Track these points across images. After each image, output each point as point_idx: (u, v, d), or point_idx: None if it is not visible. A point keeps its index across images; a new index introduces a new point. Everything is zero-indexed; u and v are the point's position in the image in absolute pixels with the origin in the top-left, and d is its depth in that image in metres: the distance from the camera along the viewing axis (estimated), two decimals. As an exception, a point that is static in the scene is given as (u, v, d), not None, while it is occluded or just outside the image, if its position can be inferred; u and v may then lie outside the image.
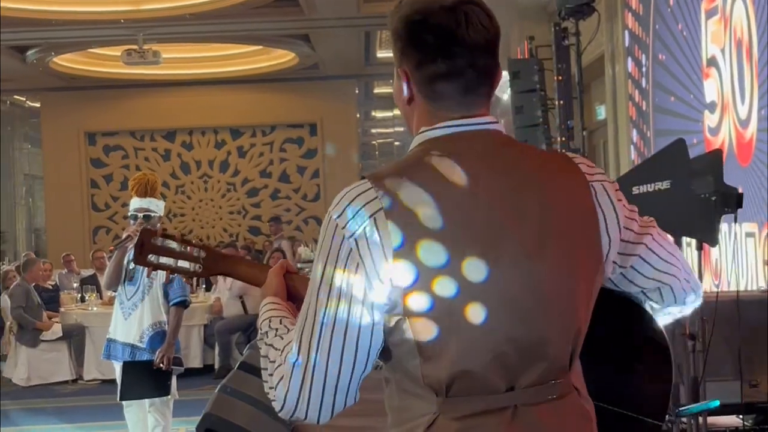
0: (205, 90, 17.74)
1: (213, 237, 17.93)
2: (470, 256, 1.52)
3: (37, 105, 18.67)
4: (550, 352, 1.56)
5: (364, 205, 1.53)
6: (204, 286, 11.38)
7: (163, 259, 2.06)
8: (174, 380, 5.62)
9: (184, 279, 5.04)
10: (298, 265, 14.17)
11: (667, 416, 2.02)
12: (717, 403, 3.96)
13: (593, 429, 1.63)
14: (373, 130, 20.26)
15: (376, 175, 1.58)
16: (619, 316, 1.83)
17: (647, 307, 1.85)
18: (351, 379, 1.56)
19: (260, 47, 16.01)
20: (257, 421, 4.94)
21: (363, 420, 6.21)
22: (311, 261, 10.20)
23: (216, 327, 10.07)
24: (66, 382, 9.91)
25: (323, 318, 1.54)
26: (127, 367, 5.43)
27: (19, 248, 18.70)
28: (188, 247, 2.03)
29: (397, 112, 19.92)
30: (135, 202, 5.59)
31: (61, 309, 10.50)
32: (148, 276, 5.36)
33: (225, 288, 10.31)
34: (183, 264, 2.05)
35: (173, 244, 2.05)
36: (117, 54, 14.67)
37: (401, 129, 20.37)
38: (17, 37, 13.95)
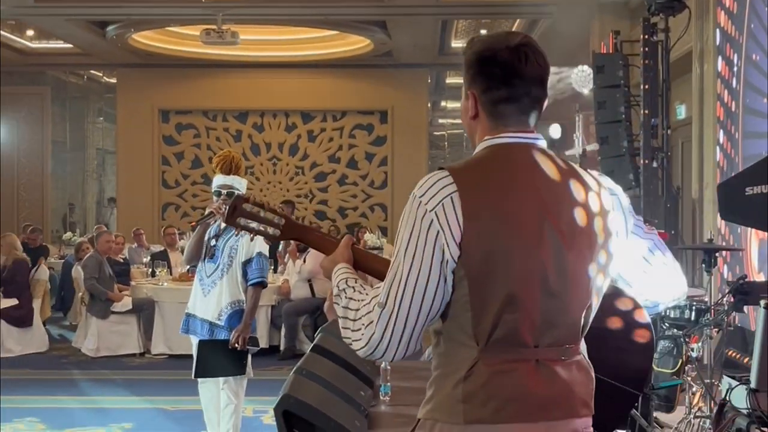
0: (279, 73, 17.79)
1: (279, 219, 17.99)
2: (520, 237, 1.97)
3: (113, 81, 18.91)
4: (567, 321, 2.02)
5: (443, 188, 1.98)
6: (272, 267, 11.43)
7: (251, 224, 2.37)
8: (249, 359, 5.62)
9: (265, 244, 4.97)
10: (364, 252, 14.16)
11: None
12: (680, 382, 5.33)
13: (592, 388, 2.09)
14: (442, 120, 20.12)
15: (452, 167, 2.05)
16: (613, 304, 2.30)
17: (639, 300, 2.32)
18: (423, 326, 2.00)
19: (336, 32, 16.01)
20: (332, 403, 4.93)
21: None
22: (376, 248, 10.18)
23: (283, 309, 10.10)
24: (134, 355, 10.03)
25: (408, 275, 1.97)
26: (204, 344, 5.42)
27: (89, 221, 19.00)
28: (271, 214, 2.37)
29: (468, 103, 19.84)
30: (219, 179, 5.61)
31: (132, 282, 10.62)
32: (236, 234, 5.32)
33: (294, 271, 10.33)
34: (264, 228, 2.37)
35: (260, 211, 2.38)
36: (194, 33, 14.80)
37: (471, 121, 20.21)
38: (99, 12, 14.13)
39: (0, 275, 10.29)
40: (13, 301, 10.15)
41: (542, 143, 2.09)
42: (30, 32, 16.60)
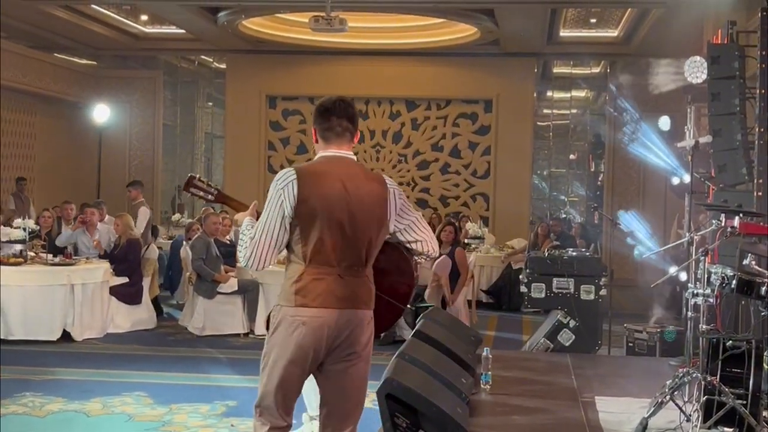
0: (385, 60, 17.87)
1: (381, 206, 18.08)
2: (328, 205, 3.54)
3: (223, 66, 19.29)
4: (356, 254, 3.58)
5: (289, 177, 3.55)
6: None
7: (199, 192, 4.15)
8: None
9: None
10: (466, 241, 14.13)
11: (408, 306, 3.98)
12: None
13: (371, 296, 3.65)
14: (547, 111, 19.90)
15: (297, 167, 3.62)
16: (396, 254, 3.81)
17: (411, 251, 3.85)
18: (272, 250, 3.58)
19: (442, 20, 15.97)
20: (434, 389, 4.95)
21: (537, 401, 6.12)
22: (477, 237, 10.11)
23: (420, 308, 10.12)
24: (238, 335, 10.22)
25: (265, 222, 3.58)
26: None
27: (197, 203, 19.44)
28: (209, 187, 4.16)
29: (574, 93, 19.56)
30: None
31: (238, 264, 10.82)
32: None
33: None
34: (205, 194, 4.14)
35: (204, 185, 4.14)
36: (302, 20, 14.97)
37: (576, 111, 19.95)
38: (211, -2, 14.45)
39: (113, 253, 10.62)
40: (124, 279, 10.46)
41: (350, 155, 3.71)
42: (144, 17, 17.05)
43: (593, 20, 16.11)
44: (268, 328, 3.67)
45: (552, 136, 19.49)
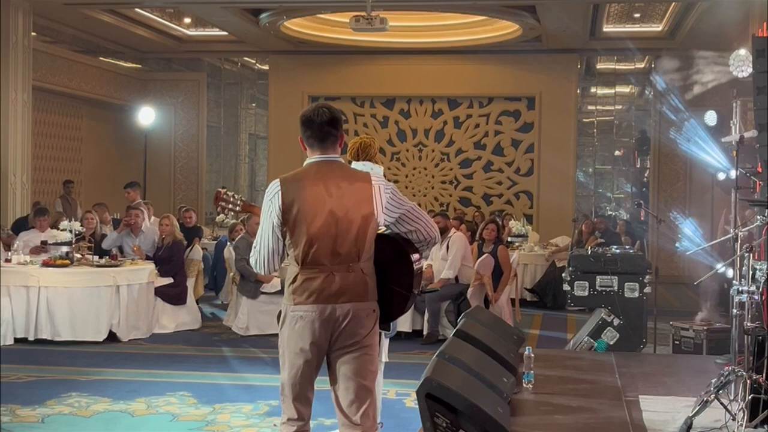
0: (426, 59, 17.85)
1: (424, 206, 18.07)
2: (312, 210, 3.79)
3: (266, 67, 19.39)
4: (345, 251, 3.80)
5: (275, 188, 3.83)
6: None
7: (228, 205, 4.38)
8: (386, 344, 5.65)
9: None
10: (509, 239, 14.06)
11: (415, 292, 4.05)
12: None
13: (367, 290, 3.86)
14: (591, 107, 19.72)
15: (282, 177, 3.88)
16: (392, 245, 4.00)
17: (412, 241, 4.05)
18: (271, 256, 3.84)
19: (483, 18, 15.91)
20: (474, 388, 4.92)
21: (580, 400, 6.05)
22: (520, 235, 10.05)
23: (426, 294, 10.12)
24: (281, 334, 10.24)
25: (262, 232, 3.87)
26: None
27: (240, 204, 19.52)
28: (234, 198, 4.38)
29: (618, 89, 19.35)
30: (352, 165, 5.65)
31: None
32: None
33: (438, 257, 10.34)
34: (233, 207, 4.38)
35: (230, 197, 4.37)
36: (343, 20, 14.99)
37: (621, 107, 19.74)
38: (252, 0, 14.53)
39: (158, 255, 10.72)
40: (169, 280, 10.56)
41: (335, 158, 3.92)
42: (187, 20, 17.21)
43: (637, 15, 15.94)
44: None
45: (596, 133, 19.32)
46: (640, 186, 19.23)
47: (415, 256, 4.03)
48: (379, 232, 3.99)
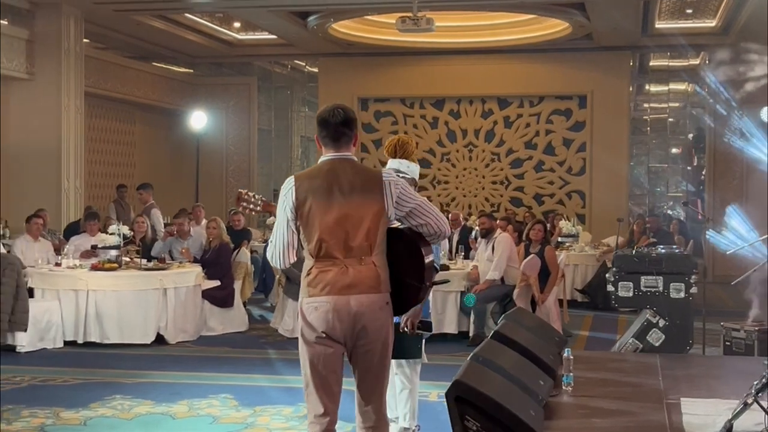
0: (475, 59, 17.76)
1: (475, 206, 18.01)
2: (323, 204, 3.97)
3: (315, 70, 19.46)
4: (356, 244, 3.97)
5: (289, 184, 4.02)
6: (463, 253, 11.43)
7: (250, 205, 4.53)
8: (422, 344, 5.62)
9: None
10: (559, 239, 13.92)
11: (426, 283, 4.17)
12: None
13: (379, 282, 4.01)
14: (645, 105, 19.45)
15: (297, 174, 4.07)
16: (404, 239, 4.15)
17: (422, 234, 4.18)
18: (287, 249, 4.00)
19: (532, 16, 15.78)
20: (507, 392, 4.85)
21: (619, 403, 5.94)
22: (571, 235, 9.92)
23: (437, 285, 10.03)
24: (327, 336, 10.24)
25: (278, 225, 4.05)
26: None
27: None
28: (255, 198, 4.53)
29: (672, 86, 19.05)
30: (388, 164, 5.62)
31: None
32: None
33: (484, 258, 10.26)
34: (254, 206, 4.53)
35: (251, 197, 4.53)
36: (391, 21, 14.98)
37: (676, 104, 19.44)
38: (300, 2, 14.58)
39: (205, 258, 10.81)
40: (216, 283, 10.64)
41: (348, 156, 4.08)
42: (237, 24, 17.36)
43: (689, 10, 15.67)
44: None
45: (650, 131, 19.05)
46: (698, 184, 18.91)
47: (426, 249, 4.16)
48: (391, 225, 4.15)
